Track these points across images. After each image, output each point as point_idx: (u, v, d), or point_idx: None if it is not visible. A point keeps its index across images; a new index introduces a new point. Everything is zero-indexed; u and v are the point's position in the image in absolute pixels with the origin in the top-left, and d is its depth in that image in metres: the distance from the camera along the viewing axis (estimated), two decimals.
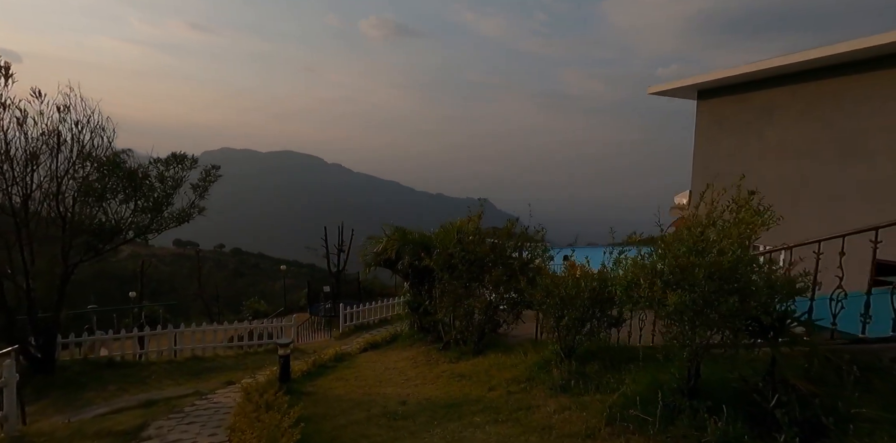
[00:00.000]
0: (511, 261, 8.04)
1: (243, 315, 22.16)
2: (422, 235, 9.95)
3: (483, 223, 10.63)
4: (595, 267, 5.93)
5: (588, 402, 4.73)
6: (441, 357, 8.50)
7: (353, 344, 11.63)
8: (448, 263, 8.56)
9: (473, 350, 8.46)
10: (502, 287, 7.77)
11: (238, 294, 53.12)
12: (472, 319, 8.65)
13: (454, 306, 8.82)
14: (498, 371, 6.55)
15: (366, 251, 11.81)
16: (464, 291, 8.53)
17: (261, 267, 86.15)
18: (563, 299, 5.83)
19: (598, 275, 5.60)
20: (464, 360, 8.01)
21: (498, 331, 8.61)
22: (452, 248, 8.47)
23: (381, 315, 14.19)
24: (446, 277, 8.32)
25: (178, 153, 9.54)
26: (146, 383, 8.53)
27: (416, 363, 8.17)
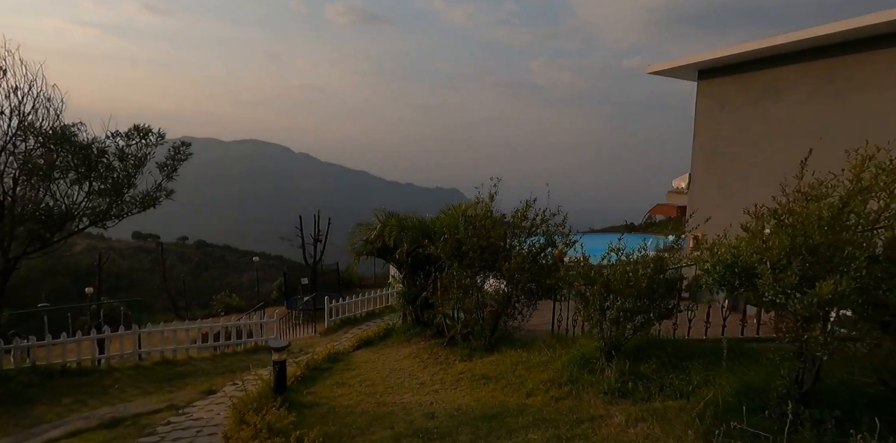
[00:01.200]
0: (531, 247, 7.21)
1: (213, 311, 20.70)
2: (422, 221, 9.01)
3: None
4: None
5: (661, 410, 3.97)
6: (449, 355, 7.65)
7: (342, 341, 10.64)
8: (457, 251, 7.68)
9: (485, 346, 7.65)
10: (520, 276, 6.95)
11: (203, 288, 50.75)
12: (482, 312, 7.82)
13: (462, 298, 7.96)
14: (527, 371, 5.75)
15: (354, 239, 10.79)
16: (472, 281, 7.68)
17: (227, 259, 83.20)
18: (608, 288, 5.05)
19: (654, 259, 4.82)
20: (477, 358, 7.19)
21: (509, 325, 7.81)
22: (462, 233, 7.59)
23: (369, 308, 13.23)
24: (455, 266, 7.43)
25: (142, 125, 8.17)
26: (108, 394, 7.34)
27: (424, 363, 7.29)
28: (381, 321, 12.50)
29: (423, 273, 10.41)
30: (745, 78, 12.36)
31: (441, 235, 8.51)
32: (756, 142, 12.06)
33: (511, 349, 7.11)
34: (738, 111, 12.54)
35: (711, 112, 13.18)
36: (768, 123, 11.81)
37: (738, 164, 12.50)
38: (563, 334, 7.56)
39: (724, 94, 12.82)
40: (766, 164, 11.76)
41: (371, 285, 24.27)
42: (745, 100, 12.30)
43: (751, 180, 12.16)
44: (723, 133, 12.92)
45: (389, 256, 10.18)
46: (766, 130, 11.85)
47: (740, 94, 12.44)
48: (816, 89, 10.88)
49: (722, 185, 12.82)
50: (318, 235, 23.67)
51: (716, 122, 13.07)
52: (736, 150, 12.60)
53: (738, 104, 12.46)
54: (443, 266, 9.84)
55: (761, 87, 11.94)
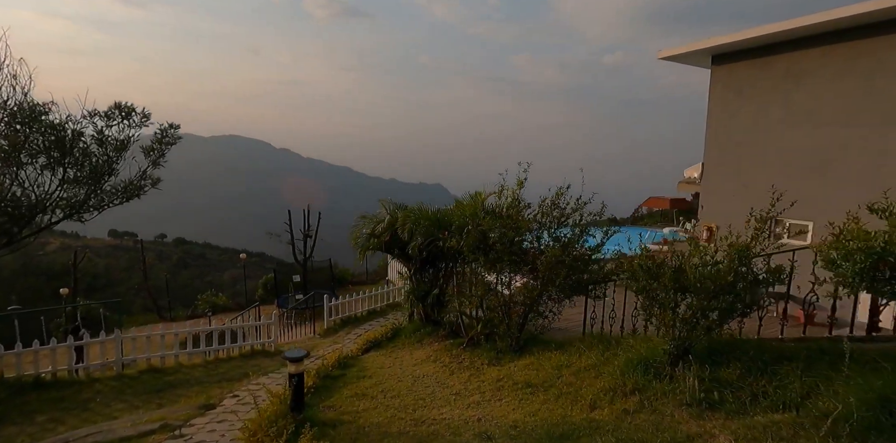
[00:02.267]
0: (566, 238, 6.52)
1: (199, 311, 19.61)
2: (439, 212, 8.25)
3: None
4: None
5: (771, 427, 3.32)
6: (473, 358, 6.95)
7: (346, 342, 9.86)
8: (481, 243, 6.96)
9: (512, 347, 6.96)
10: (557, 270, 6.24)
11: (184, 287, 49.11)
12: (508, 310, 7.13)
13: (486, 295, 7.26)
14: (576, 378, 5.07)
15: (357, 233, 9.99)
16: (498, 276, 6.96)
17: (207, 257, 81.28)
18: (680, 283, 4.39)
19: (739, 249, 4.16)
20: (507, 361, 6.50)
21: (539, 324, 7.12)
22: (488, 224, 6.86)
23: (370, 306, 12.44)
24: (482, 260, 6.70)
25: (124, 104, 7.15)
26: (89, 410, 6.44)
27: (448, 368, 6.56)
28: (385, 320, 11.74)
29: (435, 269, 9.69)
30: (763, 62, 11.84)
31: (460, 226, 7.77)
32: (776, 128, 11.57)
33: (544, 351, 6.43)
34: (755, 97, 12.04)
35: (726, 99, 12.66)
36: (789, 108, 11.32)
37: (756, 151, 12.00)
38: (599, 333, 6.92)
39: (741, 80, 12.30)
40: (788, 150, 11.29)
41: (364, 282, 23.43)
42: (764, 85, 11.79)
43: (771, 168, 11.67)
44: (739, 120, 12.40)
45: (398, 251, 9.41)
46: (787, 115, 11.35)
47: (758, 80, 11.92)
48: (841, 73, 10.39)
49: (738, 173, 12.32)
50: (308, 230, 22.73)
51: (731, 109, 12.55)
52: (754, 137, 12.10)
53: (756, 90, 11.95)
54: (458, 261, 9.15)
55: (781, 71, 11.43)
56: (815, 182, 10.69)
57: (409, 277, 10.07)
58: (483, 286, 7.09)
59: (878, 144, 9.70)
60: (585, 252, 6.55)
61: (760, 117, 11.94)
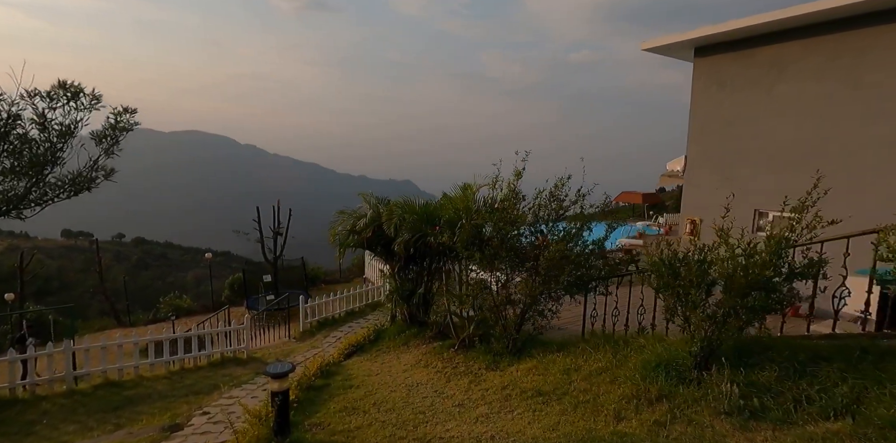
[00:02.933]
0: (573, 233, 6.10)
1: (161, 314, 18.42)
2: (428, 206, 7.70)
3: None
4: None
5: (832, 437, 2.95)
6: (469, 362, 6.46)
7: (325, 346, 9.22)
8: (476, 239, 6.46)
9: (510, 350, 6.51)
10: (561, 266, 5.81)
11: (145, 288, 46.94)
12: (502, 311, 6.67)
13: (479, 294, 6.78)
14: (589, 383, 4.65)
15: (335, 230, 9.35)
16: (494, 273, 6.48)
17: (169, 257, 78.31)
18: (704, 277, 4.01)
19: (775, 240, 3.80)
20: (506, 364, 6.04)
21: (538, 324, 6.69)
22: (482, 218, 6.38)
23: (348, 307, 11.80)
24: (477, 257, 6.20)
25: (70, 83, 6.18)
26: (34, 434, 5.58)
27: (443, 374, 6.05)
28: (365, 321, 11.15)
29: (420, 267, 9.15)
30: (746, 55, 11.76)
31: (451, 221, 7.26)
32: (760, 121, 11.51)
33: (546, 353, 6.01)
34: (739, 90, 11.96)
35: (709, 91, 12.55)
36: (773, 101, 11.26)
37: (740, 144, 11.93)
38: (601, 332, 6.55)
39: (724, 72, 12.20)
40: (772, 143, 11.23)
41: (337, 281, 22.66)
42: (747, 77, 11.71)
43: (754, 161, 11.62)
44: (722, 113, 12.32)
45: (381, 248, 8.83)
46: (771, 108, 11.30)
47: (741, 72, 11.84)
48: (825, 65, 10.36)
49: (721, 166, 12.24)
50: (279, 227, 21.75)
51: (714, 101, 12.45)
52: (737, 130, 12.03)
53: (740, 82, 11.87)
54: (446, 259, 8.65)
55: (765, 63, 11.36)
56: (800, 175, 10.68)
57: (392, 275, 9.50)
58: (478, 284, 6.60)
59: (859, 136, 9.71)
60: (587, 247, 6.15)
61: (744, 110, 11.87)
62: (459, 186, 7.58)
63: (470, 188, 7.41)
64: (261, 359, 8.61)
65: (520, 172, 6.49)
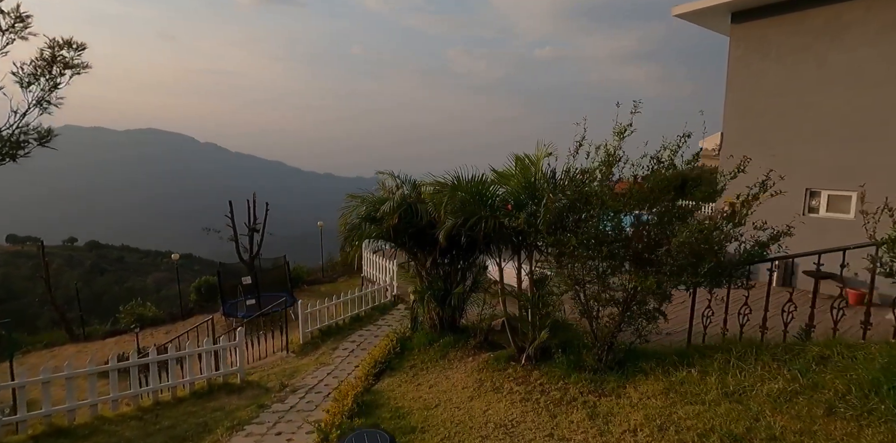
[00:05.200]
0: None
1: (122, 325, 16.00)
2: (479, 182, 6.01)
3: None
4: None
5: None
6: (556, 382, 4.89)
7: (337, 361, 7.44)
8: (559, 222, 4.87)
9: (605, 363, 4.98)
10: (681, 255, 4.28)
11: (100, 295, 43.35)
12: (595, 315, 5.10)
13: (575, 291, 5.15)
14: (794, 420, 3.14)
15: (346, 219, 7.59)
16: (593, 265, 4.87)
17: (126, 261, 73.68)
18: None
19: None
20: (614, 385, 4.52)
21: (644, 330, 5.16)
22: (577, 193, 4.81)
23: (353, 311, 10.01)
24: (573, 243, 4.58)
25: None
26: None
27: (535, 403, 4.44)
28: (376, 328, 9.41)
29: (453, 261, 7.48)
30: (793, 19, 10.57)
31: (518, 201, 5.63)
32: (810, 92, 10.35)
33: (662, 367, 4.50)
34: (784, 58, 10.77)
35: (749, 61, 11.34)
36: (827, 69, 10.10)
37: (787, 118, 10.77)
38: (720, 336, 5.10)
39: (767, 39, 11.00)
40: (825, 116, 10.10)
41: (320, 281, 20.64)
42: (795, 44, 10.53)
43: (804, 136, 10.47)
44: (764, 84, 11.12)
45: (409, 239, 7.10)
46: (824, 77, 10.14)
47: (788, 38, 10.65)
48: (887, 28, 9.26)
49: (764, 143, 11.05)
50: (255, 223, 19.60)
51: (755, 72, 11.24)
52: (783, 102, 10.86)
53: (786, 50, 10.68)
54: (492, 249, 7.02)
55: (817, 28, 10.19)
56: (858, 149, 9.60)
57: (418, 272, 7.80)
58: (569, 278, 4.99)
59: None
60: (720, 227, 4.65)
61: (791, 81, 10.69)
62: (518, 157, 5.94)
63: (539, 156, 5.78)
64: (259, 383, 6.76)
65: (623, 130, 4.95)
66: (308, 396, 5.97)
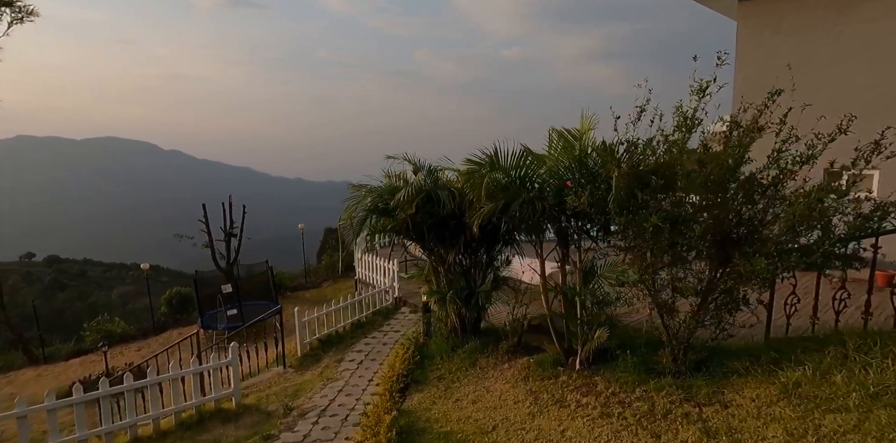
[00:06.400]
0: None
1: (88, 344, 14.46)
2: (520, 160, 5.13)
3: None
4: None
5: None
6: (630, 390, 4.06)
7: (346, 376, 6.44)
8: (630, 200, 4.06)
9: (684, 366, 4.20)
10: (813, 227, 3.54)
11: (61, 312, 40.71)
12: (672, 308, 4.30)
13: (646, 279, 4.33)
14: None
15: (351, 212, 6.62)
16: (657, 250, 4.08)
17: (89, 275, 70.03)
18: None
19: None
20: (708, 391, 3.73)
21: (735, 324, 4.38)
22: (658, 165, 4.04)
23: (354, 317, 9.00)
24: (650, 224, 3.77)
25: None
26: None
27: (620, 419, 3.62)
28: (382, 335, 8.44)
29: (475, 254, 6.59)
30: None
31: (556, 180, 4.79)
32: (824, 67, 9.91)
33: (767, 369, 3.73)
34: (796, 34, 10.31)
35: (759, 39, 10.85)
36: (841, 44, 9.68)
37: (799, 95, 10.28)
38: (807, 329, 4.38)
39: (777, 15, 10.54)
40: (841, 93, 9.67)
41: (304, 287, 19.41)
42: (807, 18, 10.09)
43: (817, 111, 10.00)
44: (776, 62, 10.60)
45: (430, 230, 6.16)
46: (839, 51, 9.72)
47: (800, 12, 10.21)
48: None
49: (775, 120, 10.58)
50: (232, 227, 18.24)
51: (767, 49, 10.76)
52: (795, 79, 10.37)
53: (798, 24, 10.24)
54: (516, 239, 6.15)
55: (830, 1, 9.78)
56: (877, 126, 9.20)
57: (434, 269, 6.87)
58: (642, 267, 4.17)
59: None
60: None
61: (804, 57, 10.23)
62: (557, 131, 5.09)
63: (585, 127, 4.95)
64: (258, 407, 5.71)
65: (704, 86, 4.20)
66: (322, 420, 4.98)
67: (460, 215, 5.87)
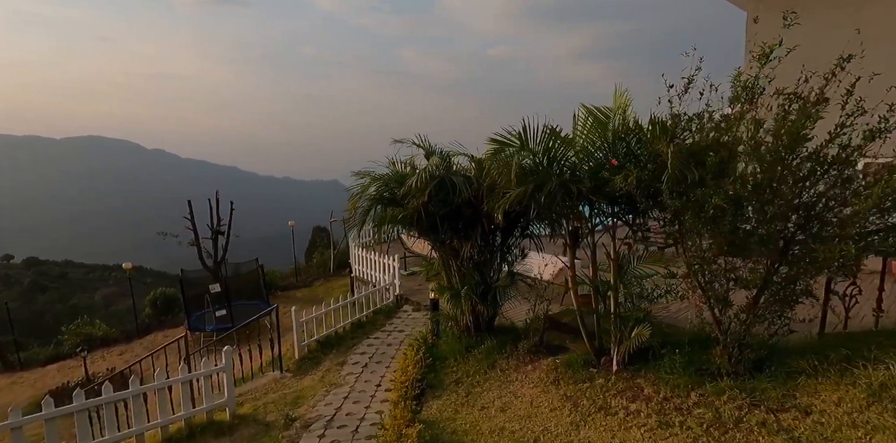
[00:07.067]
0: None
1: (67, 349, 13.65)
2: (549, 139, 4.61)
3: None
4: None
5: None
6: (687, 396, 3.59)
7: (351, 380, 5.88)
8: (683, 181, 3.58)
9: (741, 366, 3.73)
10: None
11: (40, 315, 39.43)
12: (727, 302, 3.83)
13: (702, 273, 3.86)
14: None
15: (356, 203, 6.06)
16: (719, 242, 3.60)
17: (70, 277, 68.24)
18: None
19: None
20: (776, 395, 3.26)
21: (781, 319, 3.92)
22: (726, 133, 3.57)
23: (353, 317, 8.43)
24: (713, 203, 3.28)
25: None
26: None
27: (688, 432, 3.12)
28: (385, 335, 7.89)
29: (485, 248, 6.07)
30: None
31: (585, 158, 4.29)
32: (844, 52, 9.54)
33: (840, 369, 3.27)
34: (812, 17, 9.93)
35: (770, 24, 10.48)
36: (861, 25, 9.32)
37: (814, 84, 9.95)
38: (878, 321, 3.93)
39: None
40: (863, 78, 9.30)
41: (295, 286, 18.71)
42: (825, 1, 9.75)
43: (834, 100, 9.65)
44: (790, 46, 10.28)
45: (446, 220, 5.61)
46: (859, 37, 9.35)
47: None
48: None
49: None
50: (220, 225, 17.48)
51: (777, 35, 10.39)
52: (810, 66, 10.03)
53: (813, 6, 9.88)
54: (570, 226, 5.64)
55: None
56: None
57: (445, 264, 6.33)
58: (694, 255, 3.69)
59: None
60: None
61: (820, 42, 9.86)
62: (587, 109, 4.59)
63: (622, 99, 4.46)
64: (255, 417, 5.13)
65: (769, 50, 3.76)
66: (330, 433, 4.42)
67: (477, 204, 5.35)
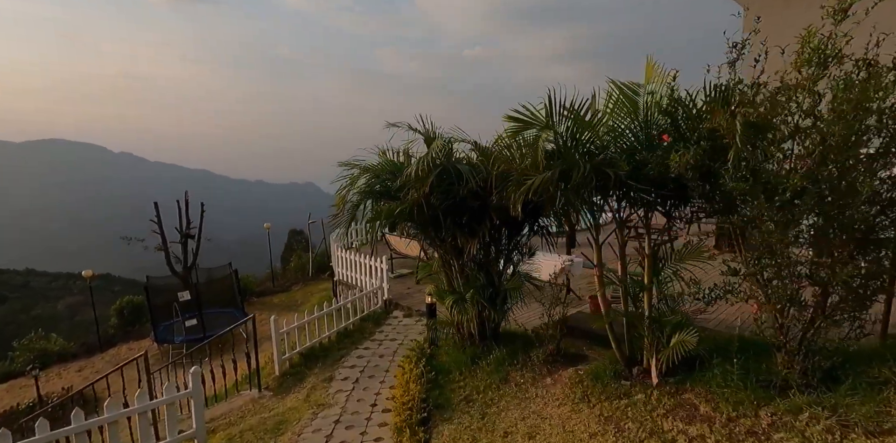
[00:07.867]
0: None
1: (18, 366, 12.38)
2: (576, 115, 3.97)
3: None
4: None
5: None
6: (762, 415, 2.99)
7: (341, 400, 5.14)
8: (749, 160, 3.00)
9: (807, 378, 3.17)
10: None
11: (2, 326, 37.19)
12: (799, 303, 3.26)
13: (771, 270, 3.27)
14: None
15: (342, 194, 5.33)
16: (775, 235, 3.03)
17: (32, 286, 64.96)
18: None
19: None
20: (867, 412, 2.68)
21: (854, 322, 3.37)
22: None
23: (339, 325, 7.66)
24: (792, 183, 2.71)
25: None
26: None
27: None
28: (376, 345, 7.14)
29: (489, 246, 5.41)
30: None
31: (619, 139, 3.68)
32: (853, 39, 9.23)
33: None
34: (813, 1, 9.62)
35: (771, 9, 10.15)
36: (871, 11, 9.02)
37: None
38: None
39: None
40: None
41: (272, 292, 17.71)
42: None
43: None
44: (789, 37, 9.94)
45: (449, 216, 4.92)
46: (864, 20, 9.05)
47: None
48: None
49: None
50: (189, 227, 16.38)
51: (780, 20, 10.04)
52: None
53: None
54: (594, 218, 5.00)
55: None
56: None
57: (446, 264, 5.64)
58: (761, 249, 3.11)
59: None
60: None
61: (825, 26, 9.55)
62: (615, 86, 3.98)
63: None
64: None
65: (846, 6, 3.21)
66: None
67: (485, 195, 4.69)
